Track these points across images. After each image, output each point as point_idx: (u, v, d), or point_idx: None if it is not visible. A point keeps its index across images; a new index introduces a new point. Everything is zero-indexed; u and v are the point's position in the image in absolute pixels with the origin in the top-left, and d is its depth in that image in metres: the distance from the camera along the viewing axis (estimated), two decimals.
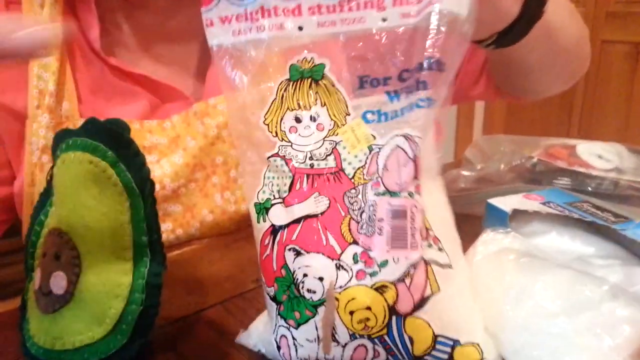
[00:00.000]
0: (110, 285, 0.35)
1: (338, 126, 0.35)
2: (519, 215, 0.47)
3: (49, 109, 0.55)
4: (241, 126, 0.37)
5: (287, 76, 0.36)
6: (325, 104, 0.35)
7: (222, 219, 0.60)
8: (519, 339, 0.34)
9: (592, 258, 0.42)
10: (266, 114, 0.36)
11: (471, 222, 0.58)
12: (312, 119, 0.35)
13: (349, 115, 0.35)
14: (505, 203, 0.47)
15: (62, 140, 0.38)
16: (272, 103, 0.36)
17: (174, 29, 0.61)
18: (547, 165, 0.65)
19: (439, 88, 0.34)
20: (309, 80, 0.35)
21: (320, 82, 0.35)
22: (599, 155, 0.65)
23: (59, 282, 0.35)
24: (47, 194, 0.41)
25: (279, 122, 0.36)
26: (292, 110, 0.35)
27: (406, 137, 0.33)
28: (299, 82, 0.36)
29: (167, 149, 0.58)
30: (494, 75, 0.68)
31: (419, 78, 0.33)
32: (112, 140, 0.36)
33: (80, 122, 0.56)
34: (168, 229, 0.58)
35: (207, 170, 0.59)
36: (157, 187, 0.56)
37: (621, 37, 1.90)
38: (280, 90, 0.36)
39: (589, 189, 0.61)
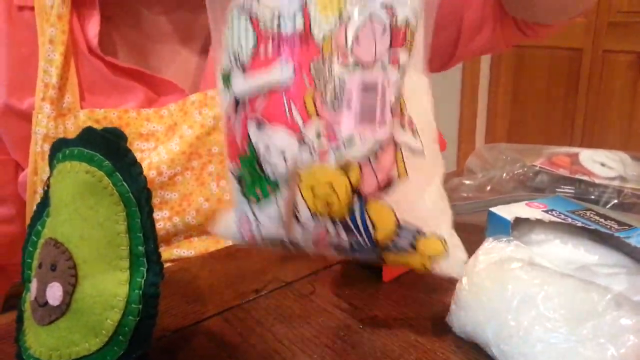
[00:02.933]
0: (106, 296, 0.35)
1: None
2: (521, 223, 0.46)
3: (51, 101, 0.57)
4: None
5: None
6: None
7: (219, 208, 0.61)
8: (522, 349, 0.33)
9: (596, 266, 0.41)
10: None
11: (473, 230, 0.58)
12: None
13: None
14: (508, 211, 0.47)
15: (58, 150, 0.38)
16: None
17: (175, 26, 0.63)
18: (549, 173, 0.65)
19: None
20: None
21: None
22: (601, 163, 0.65)
23: (55, 293, 0.35)
24: (44, 204, 0.40)
25: None
26: None
27: (384, 4, 0.31)
28: None
29: (163, 136, 0.60)
30: None
31: None
32: (108, 149, 0.36)
33: (80, 114, 0.57)
34: (165, 217, 0.59)
35: (203, 159, 0.60)
36: (154, 173, 0.58)
37: (623, 47, 1.90)
38: None
39: (592, 197, 0.61)
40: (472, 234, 0.57)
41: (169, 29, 0.63)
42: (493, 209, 0.48)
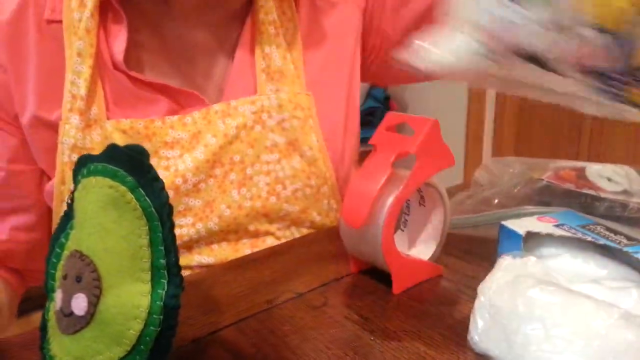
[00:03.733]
0: (129, 307, 0.36)
1: None
2: (532, 237, 0.47)
3: (79, 112, 0.58)
4: None
5: None
6: None
7: (239, 214, 0.62)
8: None
9: (606, 280, 0.42)
10: None
11: (481, 244, 0.59)
12: None
13: None
14: (519, 225, 0.48)
15: (83, 165, 0.39)
16: None
17: (199, 40, 0.64)
18: (556, 187, 0.66)
19: None
20: None
21: None
22: (608, 178, 0.66)
23: (80, 304, 0.36)
24: (67, 217, 0.41)
25: None
26: None
27: None
28: None
29: (188, 144, 0.61)
30: None
31: None
32: (131, 165, 0.37)
33: (107, 125, 0.58)
34: (189, 223, 0.60)
35: (225, 168, 0.62)
36: (180, 180, 0.59)
37: None
38: None
39: (598, 211, 0.62)
40: (480, 247, 0.58)
41: (196, 43, 0.64)
42: (505, 223, 0.49)
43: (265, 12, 0.64)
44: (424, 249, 0.55)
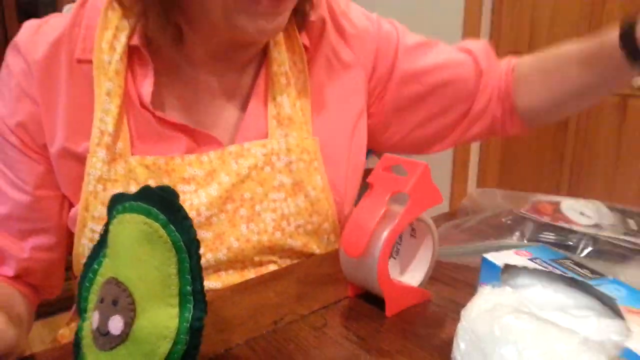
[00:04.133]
0: (159, 328, 0.41)
1: None
2: (509, 269, 0.53)
3: (106, 146, 0.63)
4: None
5: None
6: None
7: (246, 247, 0.67)
8: None
9: (571, 309, 0.48)
10: None
11: (466, 272, 0.65)
12: None
13: None
14: (498, 258, 0.54)
15: (118, 202, 0.45)
16: None
17: (215, 86, 0.70)
18: (534, 220, 0.72)
19: None
20: None
21: None
22: (580, 212, 0.72)
23: (116, 325, 0.41)
24: (100, 245, 0.47)
25: None
26: None
27: None
28: None
29: (203, 180, 0.66)
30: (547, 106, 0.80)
31: None
32: (163, 205, 0.43)
33: (130, 160, 0.64)
34: (200, 253, 0.65)
35: (236, 204, 0.67)
36: (194, 213, 0.64)
37: None
38: None
39: (571, 243, 0.68)
40: (464, 274, 0.64)
41: (213, 88, 0.70)
42: (486, 256, 0.55)
43: (278, 64, 0.71)
44: (414, 276, 0.61)
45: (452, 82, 0.81)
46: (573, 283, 0.51)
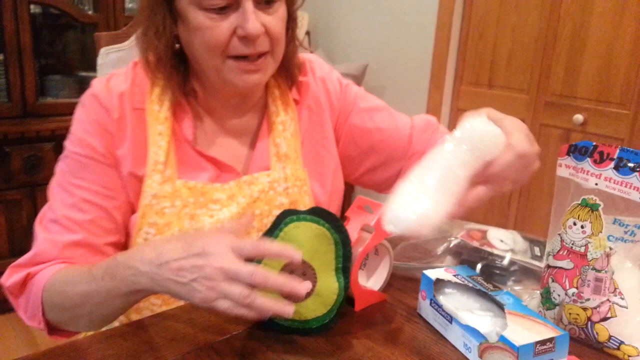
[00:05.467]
0: (330, 288, 0.72)
1: None
2: (440, 281, 0.78)
3: (159, 172, 0.85)
4: None
5: None
6: None
7: None
8: None
9: (477, 310, 0.73)
10: None
11: (411, 282, 0.90)
12: None
13: None
14: (433, 274, 0.78)
15: (290, 214, 0.73)
16: None
17: (235, 125, 0.94)
18: (466, 244, 0.97)
19: None
20: None
21: None
22: (500, 240, 0.97)
23: (307, 286, 0.67)
24: (268, 235, 0.74)
25: None
26: None
27: None
28: None
29: (225, 201, 0.88)
30: None
31: None
32: (326, 217, 0.72)
33: (177, 182, 0.87)
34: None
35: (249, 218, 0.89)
36: (219, 225, 0.86)
37: (556, 122, 2.28)
38: None
39: (493, 263, 0.93)
40: (412, 283, 0.89)
41: (229, 129, 0.93)
42: (425, 272, 0.79)
43: (275, 114, 0.95)
44: (376, 283, 0.86)
45: (387, 144, 1.04)
46: (479, 293, 0.77)
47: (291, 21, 0.91)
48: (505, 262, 0.93)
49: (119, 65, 1.14)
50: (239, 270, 0.64)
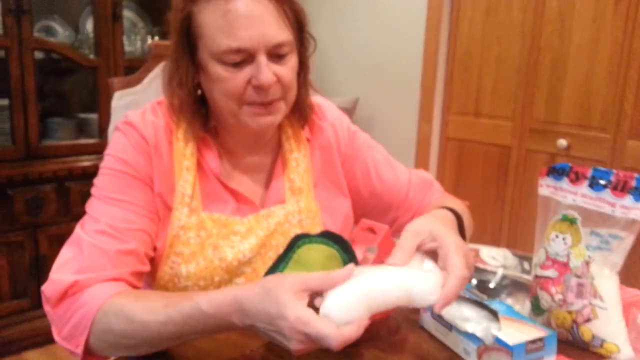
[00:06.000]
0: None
1: None
2: None
3: (186, 204, 0.92)
4: None
5: None
6: None
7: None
8: None
9: (473, 318, 0.81)
10: None
11: None
12: None
13: None
14: None
15: (302, 237, 0.80)
16: None
17: (251, 163, 1.01)
18: None
19: None
20: None
21: None
22: (492, 257, 1.06)
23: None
24: (281, 260, 0.82)
25: None
26: None
27: None
28: None
29: (245, 233, 0.95)
30: None
31: None
32: (335, 239, 0.79)
33: (202, 214, 0.93)
34: (241, 282, 0.94)
35: (266, 249, 0.96)
36: (241, 255, 0.93)
37: (541, 147, 2.39)
38: None
39: (485, 278, 1.01)
40: None
41: (246, 165, 1.01)
42: None
43: (289, 152, 1.02)
44: None
45: (387, 194, 1.11)
46: (475, 302, 0.84)
47: (303, 67, 0.98)
48: (498, 277, 1.01)
49: (132, 107, 1.21)
50: (324, 342, 0.65)
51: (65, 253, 0.85)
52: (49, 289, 0.81)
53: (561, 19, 2.27)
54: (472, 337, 0.75)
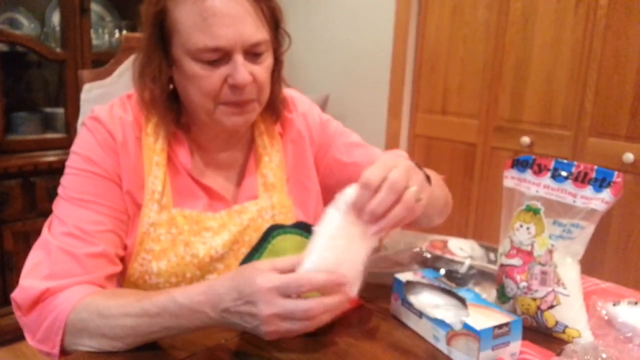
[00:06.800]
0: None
1: None
2: (410, 283, 0.88)
3: (156, 201, 0.91)
4: None
5: None
6: None
7: None
8: None
9: (442, 305, 0.84)
10: None
11: (383, 288, 1.00)
12: None
13: None
14: (404, 277, 0.89)
15: (277, 228, 0.82)
16: None
17: (224, 159, 1.01)
18: (430, 252, 1.08)
19: None
20: None
21: None
22: (460, 248, 1.09)
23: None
24: (255, 249, 0.85)
25: None
26: None
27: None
28: None
29: (217, 229, 0.95)
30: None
31: None
32: (309, 230, 0.79)
33: (172, 210, 0.93)
34: (213, 278, 0.93)
35: (239, 244, 0.96)
36: (213, 251, 0.93)
37: (505, 145, 2.46)
38: None
39: (452, 268, 1.04)
40: (382, 288, 0.99)
41: (219, 161, 1.01)
42: (396, 275, 0.89)
43: (262, 147, 1.03)
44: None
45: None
46: (444, 290, 0.87)
47: (277, 64, 0.98)
48: (465, 267, 1.04)
49: (101, 100, 1.21)
50: (294, 310, 0.69)
51: (34, 257, 0.85)
52: (19, 296, 0.81)
53: (525, 19, 2.34)
54: (441, 323, 0.78)
